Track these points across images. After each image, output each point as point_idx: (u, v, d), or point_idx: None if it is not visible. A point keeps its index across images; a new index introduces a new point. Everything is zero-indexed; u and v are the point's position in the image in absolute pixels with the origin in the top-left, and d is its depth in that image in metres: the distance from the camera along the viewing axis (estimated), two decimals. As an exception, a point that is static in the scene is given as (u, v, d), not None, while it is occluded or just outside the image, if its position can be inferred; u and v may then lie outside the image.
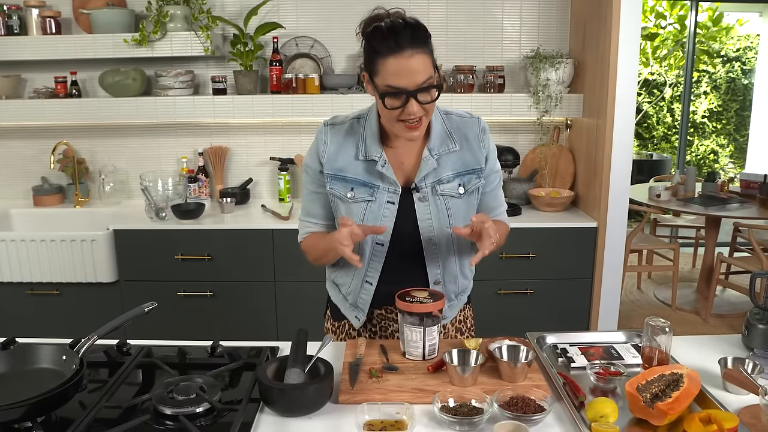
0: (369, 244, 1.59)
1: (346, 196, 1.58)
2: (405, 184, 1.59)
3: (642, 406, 1.26)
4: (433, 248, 1.61)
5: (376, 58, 1.43)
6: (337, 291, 1.74)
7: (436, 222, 1.58)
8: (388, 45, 1.39)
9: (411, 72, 1.40)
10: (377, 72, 1.43)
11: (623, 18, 2.80)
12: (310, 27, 3.36)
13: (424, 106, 1.44)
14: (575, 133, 3.36)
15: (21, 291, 3.00)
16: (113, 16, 3.09)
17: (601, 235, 2.99)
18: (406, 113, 1.43)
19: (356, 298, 1.67)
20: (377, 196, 1.57)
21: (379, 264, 1.61)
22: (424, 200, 1.57)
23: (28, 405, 1.19)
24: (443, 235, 1.60)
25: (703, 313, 4.27)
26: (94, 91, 3.40)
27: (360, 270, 1.62)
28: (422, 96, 1.43)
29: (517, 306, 3.07)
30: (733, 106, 7.69)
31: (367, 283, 1.64)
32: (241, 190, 3.41)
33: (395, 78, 1.41)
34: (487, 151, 1.63)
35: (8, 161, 3.51)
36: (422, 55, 1.41)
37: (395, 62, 1.39)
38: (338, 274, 1.72)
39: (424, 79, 1.41)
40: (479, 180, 1.62)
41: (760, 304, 1.64)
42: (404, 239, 1.60)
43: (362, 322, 1.69)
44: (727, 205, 4.17)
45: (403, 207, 1.58)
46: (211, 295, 3.03)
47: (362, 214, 1.57)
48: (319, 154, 1.60)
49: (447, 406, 1.31)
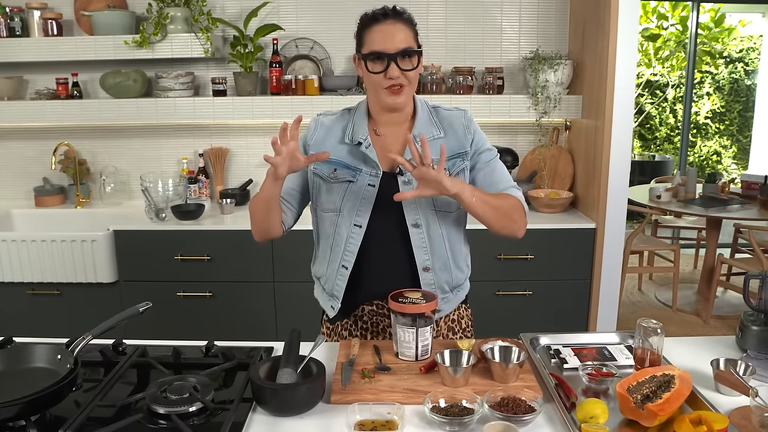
0: (347, 226, 1.63)
1: (328, 177, 1.64)
2: (389, 171, 1.63)
3: (632, 407, 1.27)
4: (419, 231, 1.63)
5: (362, 32, 1.58)
6: (318, 284, 1.77)
7: (420, 203, 1.62)
8: (373, 17, 1.56)
9: (391, 37, 1.53)
10: (363, 43, 1.57)
11: (621, 19, 2.80)
12: (310, 29, 3.37)
13: (405, 73, 1.54)
14: (574, 134, 3.36)
15: (22, 291, 3.02)
16: (114, 18, 3.11)
17: (600, 237, 2.99)
18: (387, 77, 1.53)
19: (332, 286, 1.69)
20: (358, 178, 1.62)
21: (356, 247, 1.63)
22: (408, 183, 1.61)
23: (22, 403, 1.21)
24: (428, 217, 1.63)
25: (704, 314, 4.27)
26: (95, 93, 3.42)
27: (336, 254, 1.65)
28: (403, 62, 1.54)
29: (515, 307, 3.07)
30: (736, 107, 7.68)
31: (342, 267, 1.65)
32: (241, 191, 3.42)
33: (376, 43, 1.53)
34: (473, 135, 1.67)
35: (10, 162, 3.54)
36: (403, 25, 1.55)
37: (377, 29, 1.54)
38: (316, 266, 1.75)
39: (405, 46, 1.53)
40: (464, 162, 1.65)
41: (754, 306, 1.65)
42: (388, 224, 1.63)
43: (336, 311, 1.69)
44: (727, 207, 4.16)
45: (386, 192, 1.60)
46: (210, 295, 3.04)
47: (342, 195, 1.63)
48: (306, 138, 1.69)
49: (438, 406, 1.31)
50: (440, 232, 1.65)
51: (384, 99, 1.58)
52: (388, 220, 1.63)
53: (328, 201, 1.65)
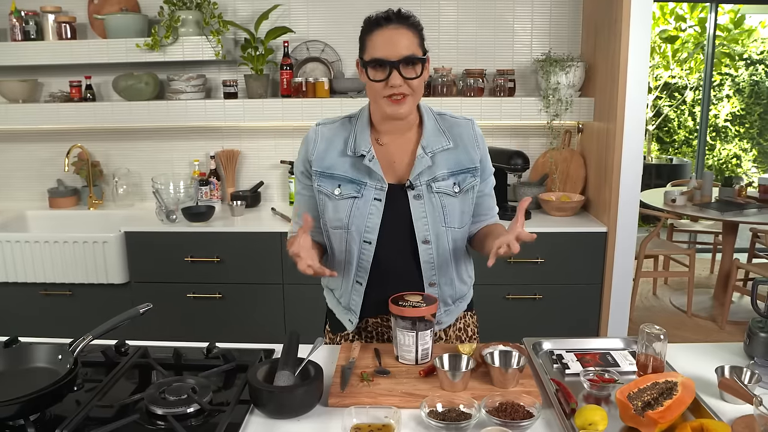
0: (356, 243, 1.59)
1: (333, 194, 1.58)
2: (396, 183, 1.59)
3: (632, 414, 1.25)
4: (428, 248, 1.60)
5: (364, 37, 1.52)
6: (332, 295, 1.75)
7: (432, 220, 1.58)
8: (376, 22, 1.49)
9: (394, 44, 1.46)
10: (365, 48, 1.50)
11: (634, 21, 2.77)
12: (321, 31, 3.38)
13: (408, 82, 1.48)
14: (586, 136, 3.33)
15: (35, 291, 3.06)
16: (127, 22, 3.14)
17: (612, 241, 2.96)
18: (389, 86, 1.47)
19: (348, 300, 1.67)
20: (364, 192, 1.57)
21: (368, 263, 1.60)
22: (419, 198, 1.57)
23: (21, 403, 1.22)
24: (438, 233, 1.59)
25: (719, 320, 4.20)
26: (108, 95, 3.45)
27: (349, 271, 1.63)
28: (405, 70, 1.47)
29: (525, 311, 3.05)
30: (756, 109, 7.56)
31: (357, 283, 1.63)
32: (252, 193, 3.44)
33: (378, 50, 1.47)
34: (482, 153, 1.64)
35: (25, 164, 3.59)
36: (407, 31, 1.47)
37: (379, 34, 1.48)
38: (330, 278, 1.72)
39: (408, 53, 1.46)
40: (474, 179, 1.62)
41: (762, 312, 1.62)
42: (395, 238, 1.59)
43: (355, 325, 1.68)
44: (744, 211, 4.10)
45: (394, 205, 1.57)
46: (220, 297, 3.06)
47: (349, 211, 1.57)
48: (308, 152, 1.62)
49: (435, 410, 1.30)
50: (447, 248, 1.62)
51: (384, 108, 1.51)
52: (398, 235, 1.59)
53: (335, 218, 1.60)
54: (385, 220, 1.57)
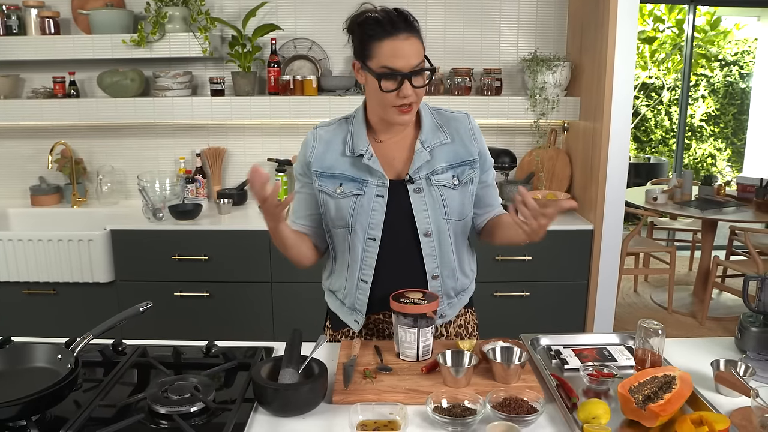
0: (360, 241, 1.60)
1: (335, 193, 1.59)
2: (396, 179, 1.60)
3: (634, 407, 1.27)
4: (430, 240, 1.61)
5: (370, 42, 1.47)
6: (335, 298, 1.74)
7: (432, 213, 1.59)
8: (384, 28, 1.45)
9: (406, 54, 1.45)
10: (372, 55, 1.47)
11: (620, 21, 2.81)
12: (309, 29, 3.37)
13: (416, 91, 1.49)
14: (572, 135, 3.37)
15: (18, 290, 3.01)
16: (112, 17, 3.10)
17: (597, 238, 3.00)
18: (400, 96, 1.47)
19: (353, 300, 1.66)
20: (366, 190, 1.58)
21: (373, 260, 1.61)
22: (419, 192, 1.58)
23: (23, 403, 1.20)
24: (440, 226, 1.61)
25: (699, 316, 4.28)
26: (93, 92, 3.40)
27: (353, 269, 1.63)
28: (416, 79, 1.48)
29: (513, 308, 3.08)
30: (730, 110, 7.71)
31: (362, 282, 1.63)
32: (238, 191, 3.42)
33: (391, 59, 1.45)
34: (480, 145, 1.66)
35: (6, 161, 3.52)
36: (415, 39, 1.47)
37: (391, 44, 1.44)
38: (332, 280, 1.72)
39: (417, 62, 1.47)
40: (473, 171, 1.63)
41: (753, 307, 1.65)
42: (398, 233, 1.60)
43: (361, 325, 1.68)
44: (723, 209, 4.18)
45: (395, 200, 1.58)
46: (207, 295, 3.04)
47: (352, 209, 1.58)
48: (306, 155, 1.63)
49: (440, 406, 1.31)
50: (449, 240, 1.63)
51: (393, 118, 1.52)
52: (400, 230, 1.60)
53: (338, 217, 1.60)
54: (388, 216, 1.58)
